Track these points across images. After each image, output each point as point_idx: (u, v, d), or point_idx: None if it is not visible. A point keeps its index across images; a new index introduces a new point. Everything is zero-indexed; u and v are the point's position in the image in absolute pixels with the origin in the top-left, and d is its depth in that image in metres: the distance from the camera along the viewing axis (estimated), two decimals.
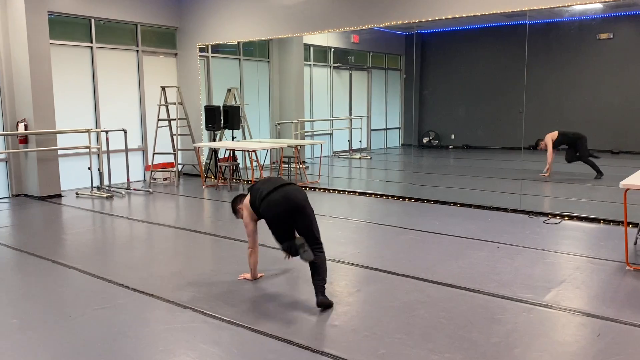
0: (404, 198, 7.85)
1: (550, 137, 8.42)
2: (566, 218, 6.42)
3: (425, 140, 12.37)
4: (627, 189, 4.47)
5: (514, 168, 8.49)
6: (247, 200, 4.23)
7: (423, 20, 7.50)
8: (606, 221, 6.18)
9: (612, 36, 8.95)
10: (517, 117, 7.52)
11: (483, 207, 7.09)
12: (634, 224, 5.41)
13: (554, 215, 6.53)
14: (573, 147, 8.47)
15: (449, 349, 3.15)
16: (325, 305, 3.75)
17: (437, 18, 7.34)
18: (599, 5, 6.81)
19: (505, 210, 6.91)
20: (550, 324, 3.51)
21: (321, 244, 3.93)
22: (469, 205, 7.21)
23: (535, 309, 3.74)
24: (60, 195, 8.49)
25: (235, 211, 4.38)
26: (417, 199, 7.75)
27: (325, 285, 3.82)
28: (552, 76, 9.68)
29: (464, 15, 7.05)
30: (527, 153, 7.75)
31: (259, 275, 4.41)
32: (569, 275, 4.41)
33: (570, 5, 6.42)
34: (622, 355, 3.06)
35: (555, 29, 9.11)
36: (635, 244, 5.25)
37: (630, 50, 8.94)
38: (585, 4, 6.33)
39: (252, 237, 4.24)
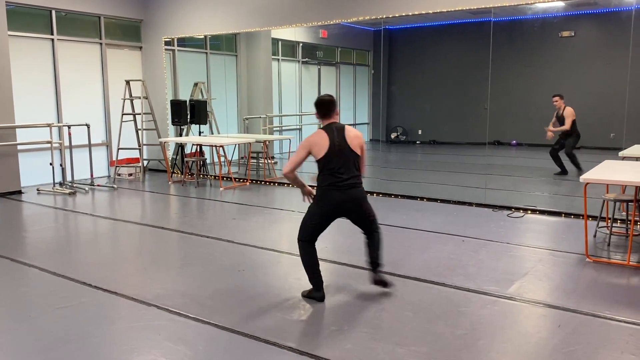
0: (372, 193, 7.90)
1: (572, 116, 8.08)
2: (529, 212, 6.56)
3: (393, 135, 12.47)
4: (587, 183, 4.59)
5: (479, 163, 8.63)
6: (322, 138, 3.85)
7: (390, 16, 7.54)
8: (567, 214, 6.34)
9: (573, 34, 9.18)
10: (482, 113, 7.65)
11: (449, 202, 7.19)
12: (594, 217, 5.57)
13: (517, 209, 6.67)
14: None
15: (415, 342, 3.18)
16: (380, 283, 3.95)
17: (404, 14, 7.39)
18: (561, 4, 6.99)
19: (470, 204, 7.02)
20: (514, 315, 3.58)
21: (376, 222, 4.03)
22: (435, 200, 7.31)
23: (499, 301, 3.81)
24: (20, 192, 8.24)
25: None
26: (385, 194, 7.82)
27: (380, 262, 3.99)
28: (516, 73, 9.88)
29: (431, 12, 7.12)
30: (491, 148, 7.89)
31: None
32: (531, 268, 4.51)
33: (534, 3, 6.55)
34: (582, 344, 3.15)
35: (519, 26, 9.30)
36: (595, 236, 5.41)
37: (590, 47, 9.18)
38: (548, 1, 6.47)
39: (297, 165, 3.96)
